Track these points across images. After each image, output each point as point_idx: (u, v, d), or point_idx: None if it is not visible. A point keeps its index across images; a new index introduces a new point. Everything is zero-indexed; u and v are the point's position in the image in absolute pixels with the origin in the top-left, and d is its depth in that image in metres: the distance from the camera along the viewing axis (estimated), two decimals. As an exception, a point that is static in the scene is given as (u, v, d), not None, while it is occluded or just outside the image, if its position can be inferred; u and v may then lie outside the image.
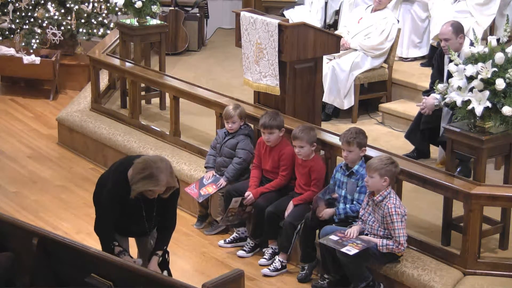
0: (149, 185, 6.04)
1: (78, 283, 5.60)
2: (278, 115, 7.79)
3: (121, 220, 6.32)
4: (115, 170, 6.33)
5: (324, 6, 10.93)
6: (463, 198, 6.86)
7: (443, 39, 8.29)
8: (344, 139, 7.28)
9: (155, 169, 6.02)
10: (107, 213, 6.28)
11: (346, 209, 7.22)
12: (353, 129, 7.34)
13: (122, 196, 6.15)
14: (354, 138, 7.22)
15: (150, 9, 10.00)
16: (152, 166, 6.04)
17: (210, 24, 12.98)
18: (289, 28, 8.11)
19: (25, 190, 9.09)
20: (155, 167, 6.03)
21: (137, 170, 6.05)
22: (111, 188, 6.25)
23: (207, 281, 5.34)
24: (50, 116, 11.00)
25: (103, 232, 6.37)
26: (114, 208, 6.24)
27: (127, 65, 9.89)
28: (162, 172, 6.04)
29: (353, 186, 7.25)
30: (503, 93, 6.86)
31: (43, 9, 11.63)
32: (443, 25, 8.45)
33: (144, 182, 6.02)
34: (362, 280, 6.93)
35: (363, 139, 7.28)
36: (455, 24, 8.33)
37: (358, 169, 7.25)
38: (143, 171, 6.02)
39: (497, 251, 7.17)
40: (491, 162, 8.23)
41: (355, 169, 7.26)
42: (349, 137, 7.25)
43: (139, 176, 6.03)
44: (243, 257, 7.82)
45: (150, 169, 6.02)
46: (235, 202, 7.74)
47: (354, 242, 6.91)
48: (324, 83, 9.23)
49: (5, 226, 5.97)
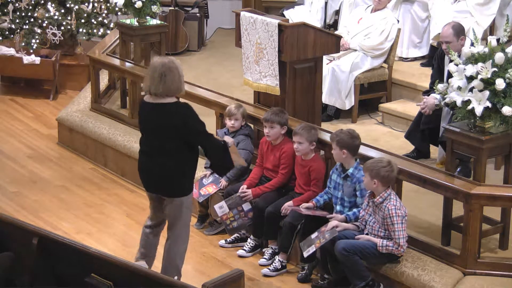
0: (181, 70, 6.75)
1: (78, 283, 5.60)
2: (283, 113, 7.81)
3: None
4: (175, 107, 6.69)
5: (324, 6, 10.93)
6: (463, 198, 6.86)
7: (444, 42, 8.27)
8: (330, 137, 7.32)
9: (167, 61, 6.70)
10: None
11: (356, 213, 7.19)
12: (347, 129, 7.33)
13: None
14: (336, 135, 7.23)
15: (150, 9, 10.01)
16: (167, 63, 6.68)
17: (210, 24, 12.98)
18: (289, 28, 8.11)
19: (25, 190, 9.09)
20: (167, 64, 6.68)
21: (170, 75, 6.64)
22: (192, 112, 6.75)
23: (207, 281, 5.35)
24: (50, 116, 11.00)
25: (215, 140, 6.89)
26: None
27: (127, 65, 9.90)
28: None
29: (349, 190, 7.24)
30: (503, 93, 6.86)
31: (43, 9, 11.63)
32: (443, 26, 8.43)
33: (180, 71, 6.74)
34: (361, 279, 6.93)
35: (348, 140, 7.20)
36: (456, 26, 8.31)
37: (353, 172, 7.23)
38: (170, 69, 6.65)
39: (497, 251, 7.17)
40: (491, 162, 8.23)
41: (350, 172, 7.24)
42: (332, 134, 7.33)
43: (176, 74, 6.68)
44: (243, 257, 7.82)
45: (167, 63, 6.68)
46: (219, 208, 7.73)
47: (324, 238, 6.97)
48: (323, 84, 9.23)
49: (5, 226, 5.98)
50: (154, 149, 6.77)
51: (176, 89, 6.69)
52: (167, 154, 6.70)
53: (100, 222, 8.48)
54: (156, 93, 6.69)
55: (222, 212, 7.73)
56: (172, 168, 6.72)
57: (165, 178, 6.76)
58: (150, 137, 6.82)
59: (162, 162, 6.73)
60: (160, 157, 6.73)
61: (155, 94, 6.70)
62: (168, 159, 6.71)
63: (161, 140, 6.71)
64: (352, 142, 7.22)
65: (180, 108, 6.73)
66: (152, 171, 6.81)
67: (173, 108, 6.70)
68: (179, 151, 6.71)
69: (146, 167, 6.86)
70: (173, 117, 6.66)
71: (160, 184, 6.82)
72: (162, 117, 6.69)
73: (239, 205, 7.75)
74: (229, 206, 7.74)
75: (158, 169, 6.76)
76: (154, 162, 6.77)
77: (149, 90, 6.72)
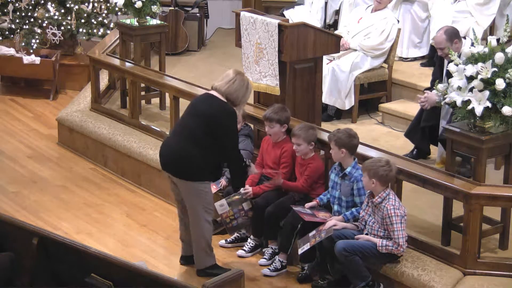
0: (249, 91, 7.24)
1: (78, 283, 5.60)
2: (283, 110, 7.78)
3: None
4: (222, 108, 7.04)
5: (324, 6, 10.93)
6: (463, 198, 6.86)
7: (439, 48, 8.30)
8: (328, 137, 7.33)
9: (245, 76, 7.24)
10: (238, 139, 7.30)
11: (354, 213, 7.19)
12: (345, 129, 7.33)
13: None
14: (334, 135, 7.24)
15: (150, 9, 10.01)
16: (243, 76, 7.20)
17: (210, 24, 12.98)
18: (289, 28, 8.11)
19: (25, 190, 9.09)
20: (242, 77, 7.20)
21: (239, 85, 7.08)
22: (234, 118, 7.08)
23: (207, 281, 5.35)
24: (50, 116, 11.00)
25: (239, 155, 7.26)
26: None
27: (127, 65, 9.90)
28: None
29: (347, 189, 7.23)
30: (503, 93, 6.86)
31: (43, 9, 11.63)
32: (437, 32, 8.44)
33: (248, 90, 7.17)
34: (361, 279, 6.93)
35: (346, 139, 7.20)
36: (448, 31, 8.28)
37: (351, 171, 7.23)
38: (243, 82, 7.15)
39: (497, 251, 7.17)
40: (491, 162, 8.23)
41: (348, 171, 7.24)
42: (329, 134, 7.33)
43: (244, 88, 7.13)
44: (243, 257, 7.82)
45: (244, 78, 7.19)
46: (220, 206, 7.74)
47: (319, 236, 6.98)
48: (323, 84, 9.23)
49: (5, 226, 5.98)
50: (183, 130, 7.17)
51: (235, 97, 7.15)
52: (191, 137, 7.07)
53: (100, 222, 8.48)
54: (218, 89, 7.15)
55: (222, 210, 7.73)
56: (190, 150, 7.05)
57: (178, 157, 7.11)
58: (186, 118, 7.27)
59: (184, 143, 7.10)
60: (184, 138, 7.11)
61: (215, 89, 7.17)
62: (190, 142, 7.05)
63: (194, 124, 7.10)
64: (350, 141, 7.22)
65: (227, 107, 7.12)
66: (171, 147, 7.20)
67: (222, 103, 7.12)
68: (204, 139, 7.04)
69: (167, 143, 7.31)
70: (217, 109, 7.09)
71: (170, 161, 7.19)
72: (208, 105, 7.14)
73: (240, 204, 7.75)
74: (230, 205, 7.74)
75: (177, 148, 7.12)
76: (176, 140, 7.18)
77: (213, 85, 7.23)
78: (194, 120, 7.13)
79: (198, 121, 7.09)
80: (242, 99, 7.18)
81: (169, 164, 7.22)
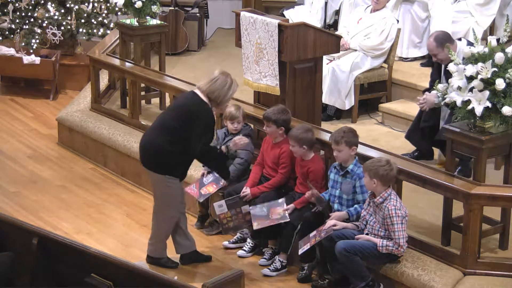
0: (232, 92, 7.32)
1: (78, 283, 5.60)
2: (282, 113, 7.73)
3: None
4: (198, 103, 7.19)
5: (324, 6, 10.93)
6: (463, 198, 6.86)
7: (432, 54, 8.33)
8: (332, 138, 7.28)
9: (229, 76, 7.29)
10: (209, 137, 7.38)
11: (357, 209, 7.19)
12: (343, 128, 7.33)
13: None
14: (342, 137, 7.19)
15: (150, 9, 10.01)
16: (227, 77, 7.26)
17: (210, 24, 12.98)
18: (289, 28, 8.11)
19: (25, 190, 9.09)
20: (226, 77, 7.28)
21: (220, 84, 7.22)
22: (207, 116, 7.20)
23: (207, 281, 5.35)
24: (50, 116, 11.00)
25: (209, 148, 7.35)
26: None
27: (127, 65, 9.90)
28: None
29: (348, 186, 7.23)
30: (503, 93, 6.86)
31: (43, 9, 11.63)
32: (428, 38, 8.47)
33: (230, 90, 7.27)
34: (361, 279, 6.93)
35: (352, 138, 7.21)
36: (438, 37, 8.26)
37: (353, 168, 7.23)
38: (226, 81, 7.24)
39: (497, 251, 7.17)
40: (491, 162, 8.23)
41: (350, 169, 7.24)
42: (337, 136, 7.23)
43: (226, 87, 7.23)
44: (243, 257, 7.82)
45: (228, 78, 7.26)
46: (219, 206, 7.74)
47: (319, 236, 6.98)
48: (323, 84, 9.23)
49: (5, 226, 5.98)
50: (159, 122, 7.38)
51: (217, 96, 7.27)
52: (165, 129, 7.25)
53: (100, 222, 8.48)
54: (200, 87, 7.31)
55: (220, 211, 7.74)
56: (164, 143, 7.20)
57: (152, 148, 7.29)
58: (165, 112, 7.61)
59: (157, 135, 7.29)
60: (158, 130, 7.30)
61: (198, 88, 7.33)
62: (162, 135, 7.23)
63: (168, 117, 7.33)
64: (357, 139, 7.29)
65: (205, 105, 7.26)
66: (144, 138, 7.42)
67: (199, 100, 7.26)
68: (177, 132, 7.18)
69: (144, 134, 7.52)
70: (192, 102, 7.26)
71: (145, 152, 7.37)
72: (185, 98, 7.40)
73: (238, 207, 7.75)
74: (228, 206, 7.74)
75: (150, 139, 7.33)
76: (151, 132, 7.38)
77: (197, 84, 7.39)
78: (170, 113, 7.43)
79: (173, 114, 7.34)
80: (223, 98, 7.31)
81: (141, 155, 7.44)
